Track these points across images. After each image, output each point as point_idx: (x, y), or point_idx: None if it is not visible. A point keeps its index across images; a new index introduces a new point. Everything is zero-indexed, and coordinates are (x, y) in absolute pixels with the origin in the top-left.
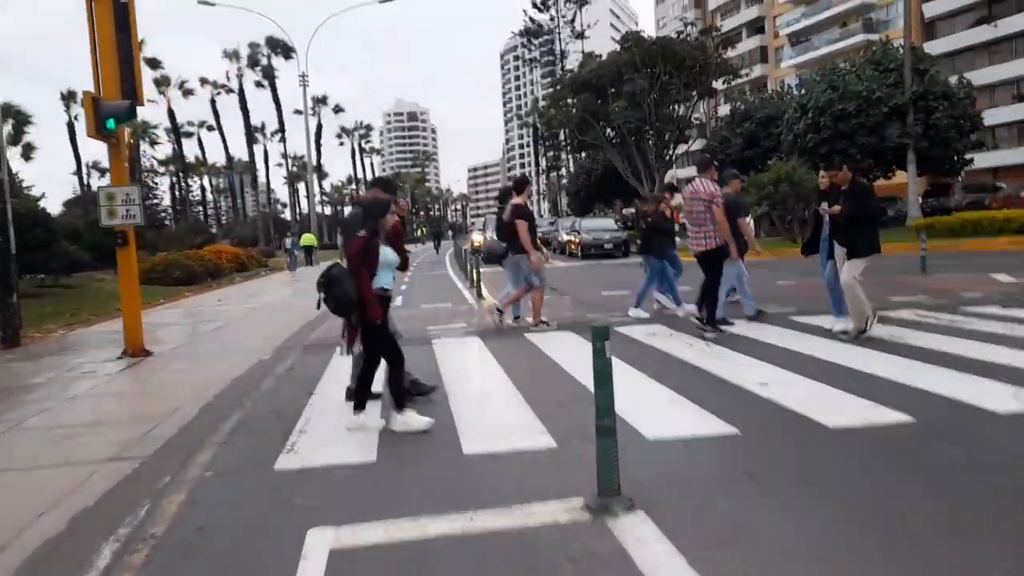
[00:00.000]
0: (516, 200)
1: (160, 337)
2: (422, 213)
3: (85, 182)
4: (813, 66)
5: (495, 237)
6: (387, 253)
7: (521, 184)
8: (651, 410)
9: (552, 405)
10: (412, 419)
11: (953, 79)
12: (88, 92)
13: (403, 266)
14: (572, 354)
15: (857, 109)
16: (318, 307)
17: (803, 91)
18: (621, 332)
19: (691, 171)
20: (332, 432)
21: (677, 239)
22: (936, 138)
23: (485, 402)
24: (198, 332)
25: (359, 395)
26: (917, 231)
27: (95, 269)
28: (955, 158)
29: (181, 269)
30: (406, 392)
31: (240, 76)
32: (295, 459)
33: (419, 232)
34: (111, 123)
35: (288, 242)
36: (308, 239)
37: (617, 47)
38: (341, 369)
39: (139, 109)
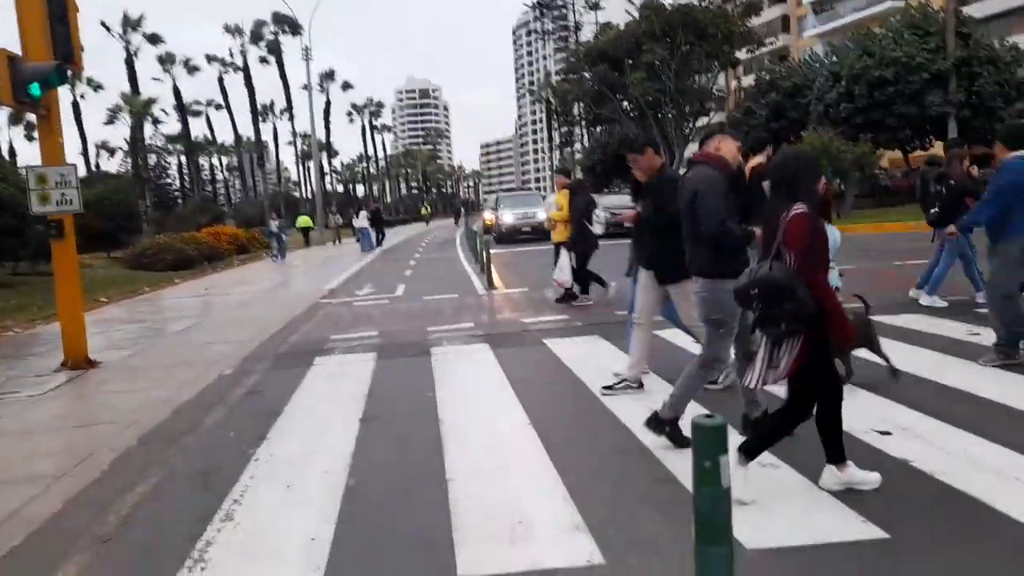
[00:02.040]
0: (758, 161)
1: (117, 340)
2: (433, 191)
3: (92, 163)
4: (838, 35)
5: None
6: (835, 234)
7: (761, 143)
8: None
9: (595, 476)
10: (858, 474)
11: (998, 43)
12: (2, 49)
13: None
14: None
15: (895, 76)
16: (753, 330)
17: (834, 58)
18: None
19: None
20: (268, 521)
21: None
22: (980, 106)
23: (494, 471)
24: (163, 332)
25: (762, 442)
26: None
27: (83, 252)
28: (998, 127)
29: (173, 253)
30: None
31: (244, 52)
32: None
33: (424, 211)
34: (35, 88)
35: (274, 225)
36: (304, 221)
37: (633, 18)
38: (310, 395)
39: (143, 86)
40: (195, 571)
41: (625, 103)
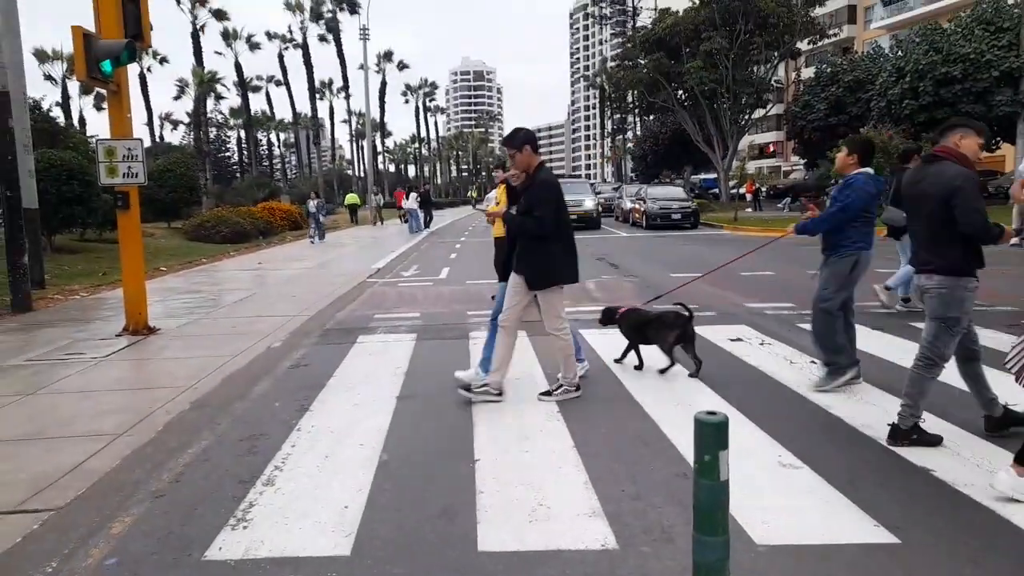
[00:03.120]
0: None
1: (174, 308)
2: (483, 174)
3: (157, 134)
4: (906, 27)
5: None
6: None
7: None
8: (756, 486)
9: (616, 465)
10: None
11: None
12: (78, 27)
13: None
14: (647, 377)
15: (963, 73)
16: None
17: (900, 53)
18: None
19: (767, 137)
20: (306, 488)
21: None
22: None
23: (520, 454)
24: (218, 303)
25: None
26: None
27: (145, 222)
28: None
29: (230, 226)
30: None
31: (304, 30)
32: (238, 541)
33: (471, 194)
34: (107, 65)
35: (312, 205)
36: (352, 198)
37: (693, 4)
38: (352, 371)
39: (207, 60)
40: (238, 529)
41: (680, 92)
